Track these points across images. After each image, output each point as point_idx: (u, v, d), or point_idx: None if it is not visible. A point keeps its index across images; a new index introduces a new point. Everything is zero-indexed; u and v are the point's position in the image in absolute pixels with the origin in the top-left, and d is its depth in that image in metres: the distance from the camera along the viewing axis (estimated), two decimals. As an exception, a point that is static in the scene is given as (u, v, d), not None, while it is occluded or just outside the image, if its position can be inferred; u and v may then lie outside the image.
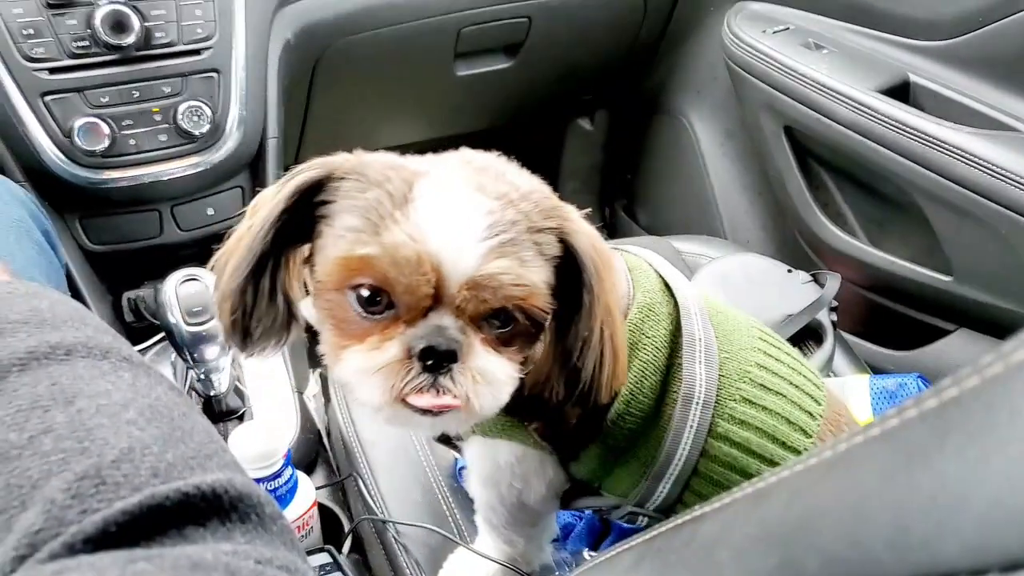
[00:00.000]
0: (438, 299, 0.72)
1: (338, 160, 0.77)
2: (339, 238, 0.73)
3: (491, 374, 0.74)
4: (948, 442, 0.27)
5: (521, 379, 0.81)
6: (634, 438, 0.90)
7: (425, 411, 0.73)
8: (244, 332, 0.80)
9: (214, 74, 1.52)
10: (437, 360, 0.72)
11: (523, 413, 0.89)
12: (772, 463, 0.88)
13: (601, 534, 1.15)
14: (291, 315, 0.81)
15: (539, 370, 0.82)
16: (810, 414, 0.91)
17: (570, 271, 0.77)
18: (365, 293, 0.72)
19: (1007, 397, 0.26)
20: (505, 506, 1.01)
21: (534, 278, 0.73)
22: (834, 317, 1.48)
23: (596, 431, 0.90)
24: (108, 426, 0.51)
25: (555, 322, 0.80)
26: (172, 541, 0.47)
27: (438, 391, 0.73)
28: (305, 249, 0.80)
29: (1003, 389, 0.27)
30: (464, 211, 0.71)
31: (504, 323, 0.75)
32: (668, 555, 0.45)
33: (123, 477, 0.48)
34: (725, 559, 0.37)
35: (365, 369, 0.73)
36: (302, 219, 0.77)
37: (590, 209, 0.83)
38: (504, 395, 0.77)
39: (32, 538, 0.45)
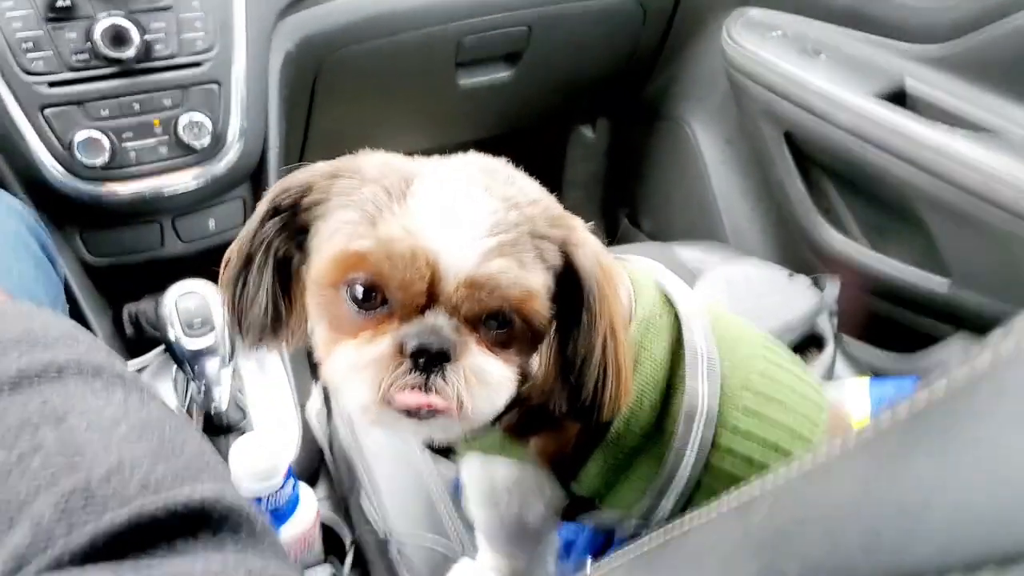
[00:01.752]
0: (433, 297, 0.70)
1: (323, 164, 0.77)
2: (334, 233, 0.72)
3: (486, 374, 0.72)
4: (918, 449, 0.27)
5: (527, 392, 0.80)
6: (635, 455, 0.89)
7: (412, 413, 0.72)
8: (237, 322, 0.81)
9: (214, 86, 1.52)
10: (429, 360, 0.70)
11: (523, 430, 0.88)
12: None
13: (604, 544, 1.14)
14: (278, 318, 0.81)
15: (543, 382, 0.81)
16: (813, 422, 0.90)
17: (574, 282, 0.76)
18: (359, 289, 0.71)
19: (972, 402, 0.26)
20: (505, 525, 1.00)
21: (533, 281, 0.71)
22: (835, 321, 1.47)
23: (595, 449, 0.89)
24: (98, 442, 0.51)
25: (558, 333, 0.79)
26: (162, 553, 0.47)
27: (428, 391, 0.71)
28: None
29: (968, 394, 0.27)
30: (465, 208, 0.70)
31: (501, 325, 0.73)
32: (660, 568, 0.45)
33: (112, 491, 0.48)
34: (711, 567, 0.37)
35: (353, 365, 0.72)
36: (299, 226, 0.77)
37: (594, 222, 0.82)
38: (499, 399, 0.75)
39: (19, 555, 0.45)
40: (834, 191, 1.80)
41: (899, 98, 1.63)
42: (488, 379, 0.73)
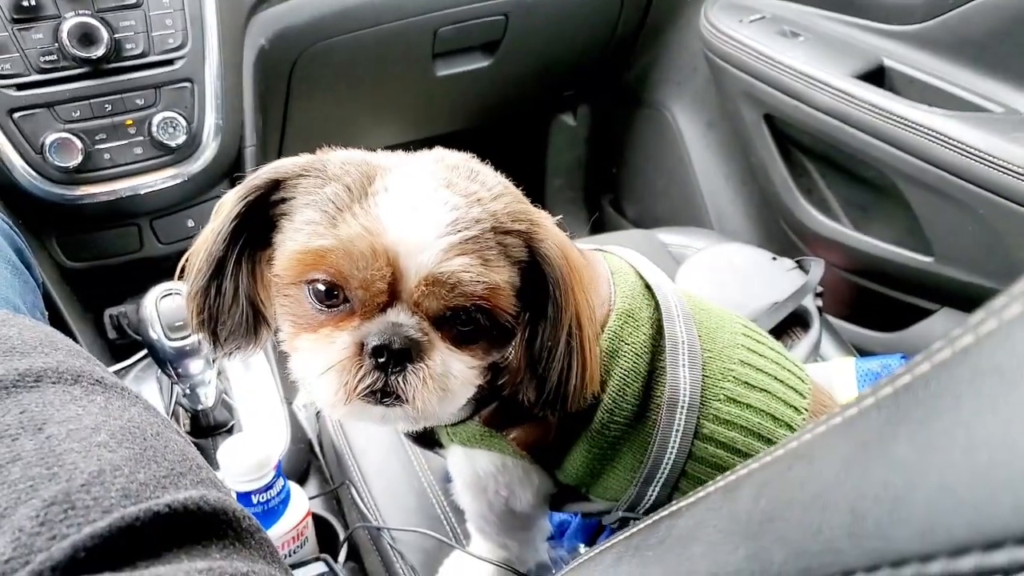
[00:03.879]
0: (395, 295, 0.70)
1: (291, 161, 0.76)
2: (297, 231, 0.72)
3: (448, 377, 0.73)
4: (900, 430, 0.26)
5: (500, 384, 0.80)
6: (620, 444, 0.89)
7: (376, 400, 0.72)
8: (212, 333, 0.80)
9: (188, 84, 1.50)
10: (391, 358, 0.70)
11: (501, 422, 0.88)
12: None
13: (597, 529, 1.14)
14: (258, 318, 0.80)
15: (513, 374, 0.81)
16: (795, 408, 0.91)
17: (540, 276, 0.76)
18: (321, 288, 0.71)
19: (952, 383, 0.26)
20: (495, 513, 1.00)
21: (496, 278, 0.71)
22: (820, 302, 1.47)
23: (580, 439, 0.89)
24: (78, 450, 0.51)
25: (527, 325, 0.78)
26: (145, 563, 0.46)
27: (388, 393, 0.71)
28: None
29: (949, 375, 0.26)
30: (426, 205, 0.70)
31: (466, 323, 0.73)
32: (645, 552, 0.44)
33: (93, 500, 0.47)
34: (697, 554, 0.37)
35: (316, 367, 0.72)
36: (267, 221, 0.77)
37: (561, 216, 0.82)
38: (459, 399, 0.76)
39: (2, 567, 0.44)
40: (816, 172, 1.81)
41: (877, 78, 1.63)
42: (448, 382, 0.73)
